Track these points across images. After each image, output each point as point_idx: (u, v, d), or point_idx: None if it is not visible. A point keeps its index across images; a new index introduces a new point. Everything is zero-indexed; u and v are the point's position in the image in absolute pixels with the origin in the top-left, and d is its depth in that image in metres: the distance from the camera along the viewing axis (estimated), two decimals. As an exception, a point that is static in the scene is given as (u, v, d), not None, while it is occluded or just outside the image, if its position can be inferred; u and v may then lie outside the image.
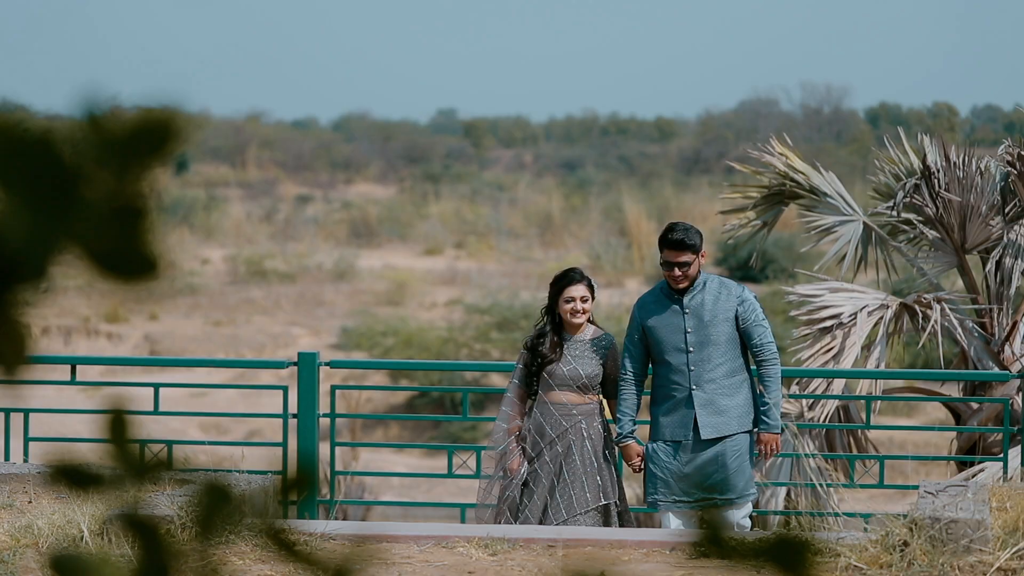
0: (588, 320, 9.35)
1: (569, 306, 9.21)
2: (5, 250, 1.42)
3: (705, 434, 8.99)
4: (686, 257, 9.00)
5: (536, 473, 9.11)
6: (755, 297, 9.24)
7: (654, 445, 9.13)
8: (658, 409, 9.16)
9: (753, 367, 9.26)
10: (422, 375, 31.59)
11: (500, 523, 9.02)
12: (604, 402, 9.39)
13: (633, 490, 13.06)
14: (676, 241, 9.01)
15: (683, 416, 9.02)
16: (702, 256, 9.10)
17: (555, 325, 9.27)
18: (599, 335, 9.34)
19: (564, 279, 9.29)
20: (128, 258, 1.45)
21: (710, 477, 9.02)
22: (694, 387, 9.01)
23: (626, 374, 9.17)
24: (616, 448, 9.30)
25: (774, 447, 9.13)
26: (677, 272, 9.01)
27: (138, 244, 1.45)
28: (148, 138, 1.44)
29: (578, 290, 9.23)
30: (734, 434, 9.03)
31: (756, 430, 9.14)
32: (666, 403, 9.10)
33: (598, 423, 9.22)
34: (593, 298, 9.33)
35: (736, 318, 9.06)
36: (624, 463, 9.40)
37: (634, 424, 9.20)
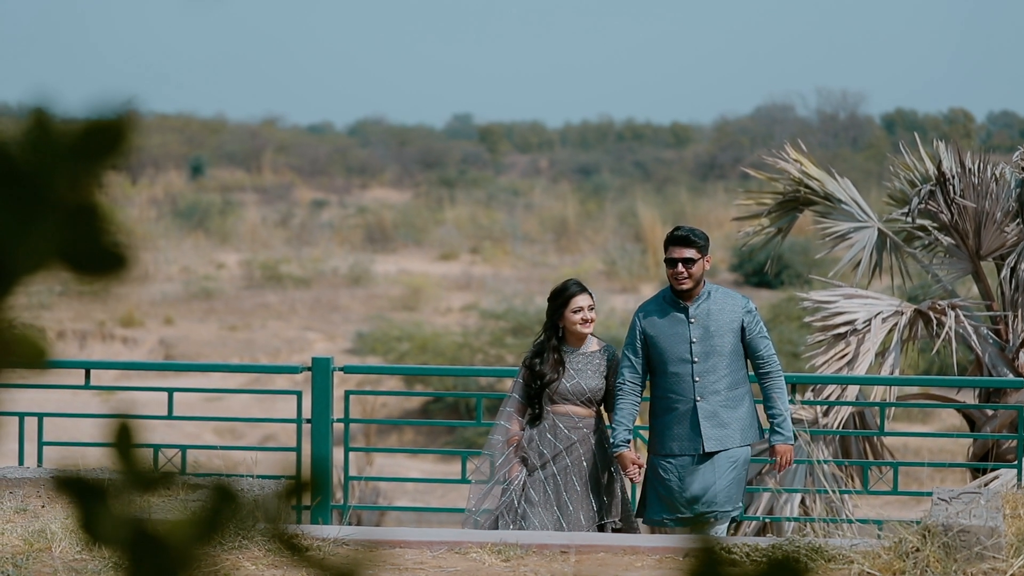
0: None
1: (579, 315, 9.08)
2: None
3: (709, 447, 8.86)
4: (690, 253, 8.88)
5: (542, 484, 8.98)
6: (755, 308, 9.13)
7: (656, 462, 9.00)
8: (660, 421, 9.00)
9: (751, 374, 9.16)
10: (437, 380, 31.59)
11: (498, 527, 8.97)
12: (604, 415, 9.30)
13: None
14: (681, 237, 8.92)
15: (689, 430, 8.88)
16: (707, 261, 8.97)
17: (557, 340, 9.16)
18: (601, 347, 9.23)
19: (567, 291, 9.15)
20: (96, 256, 1.46)
21: (706, 490, 8.92)
22: (698, 399, 8.87)
23: (624, 384, 9.01)
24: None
25: (789, 458, 9.02)
26: (680, 268, 8.87)
27: (104, 242, 1.46)
28: (100, 139, 1.45)
29: (585, 299, 9.12)
30: (736, 447, 8.91)
31: (770, 442, 9.02)
32: (668, 415, 8.95)
33: (603, 438, 9.14)
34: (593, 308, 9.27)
35: (742, 329, 8.94)
36: (625, 474, 9.30)
37: (629, 434, 9.03)
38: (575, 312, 9.10)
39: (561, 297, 9.15)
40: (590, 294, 9.23)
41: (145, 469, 1.60)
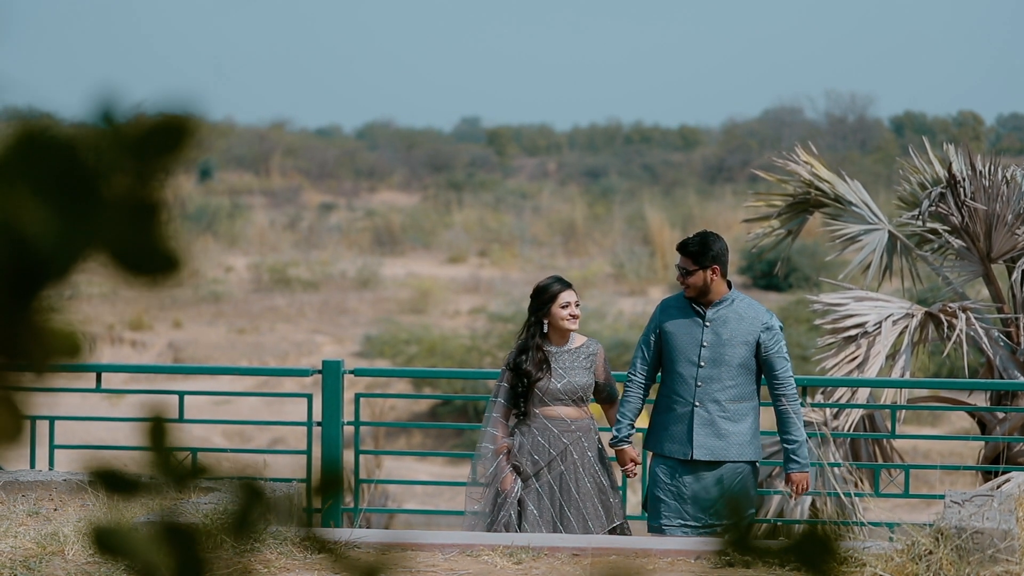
0: None
1: (566, 311, 8.94)
2: (32, 251, 1.43)
3: (699, 455, 8.75)
4: (684, 263, 8.78)
5: (536, 493, 8.87)
6: (781, 328, 8.93)
7: (655, 467, 8.92)
8: (658, 419, 8.93)
9: (757, 389, 8.99)
10: (445, 383, 31.60)
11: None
12: (594, 418, 9.22)
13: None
14: (680, 244, 8.87)
15: (682, 433, 8.78)
16: (712, 272, 8.77)
17: (541, 338, 9.02)
18: (584, 342, 9.11)
19: (553, 287, 9.02)
20: (150, 257, 1.46)
21: (714, 502, 8.80)
22: (697, 404, 8.75)
23: (635, 376, 8.95)
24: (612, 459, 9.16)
25: (805, 486, 8.88)
26: (679, 276, 8.86)
27: (159, 243, 1.46)
28: (164, 139, 1.45)
29: (571, 295, 9.00)
30: (733, 461, 8.79)
31: (785, 470, 8.89)
32: (666, 415, 8.87)
33: (596, 439, 9.03)
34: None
35: (758, 344, 8.77)
36: (620, 468, 9.18)
37: (632, 429, 8.98)
38: (563, 307, 8.98)
39: (547, 293, 9.01)
40: (574, 290, 9.16)
41: (180, 467, 1.61)
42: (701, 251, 8.77)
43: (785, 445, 8.90)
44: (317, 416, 10.74)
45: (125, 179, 1.44)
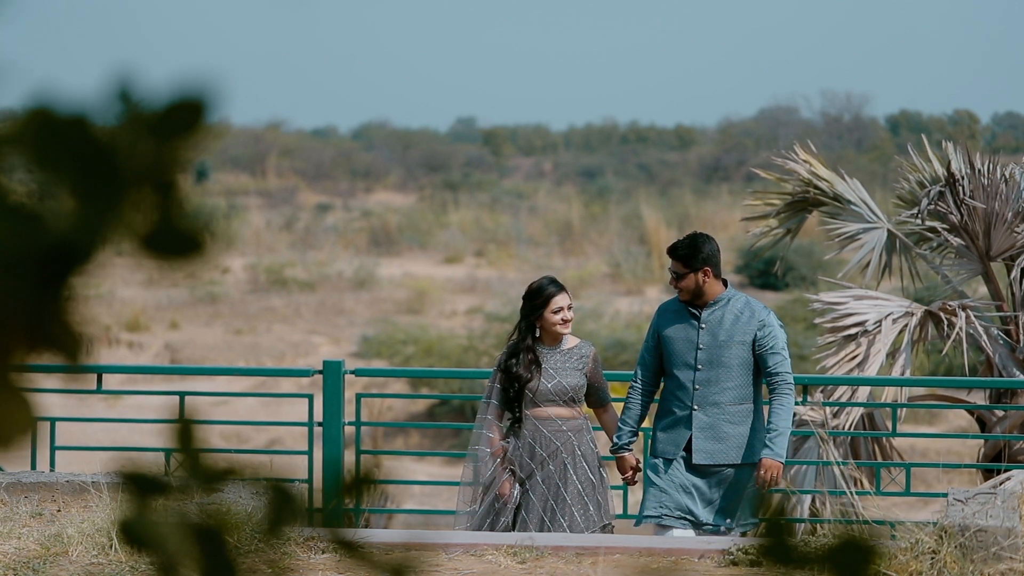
0: None
1: (559, 316, 8.89)
2: (55, 234, 1.43)
3: (697, 459, 8.68)
4: (675, 266, 8.73)
5: (528, 495, 8.83)
6: (781, 326, 8.85)
7: (655, 460, 8.85)
8: (658, 423, 8.87)
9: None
10: (441, 383, 31.58)
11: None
12: (587, 418, 9.18)
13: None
14: (670, 248, 8.80)
15: (678, 435, 8.70)
16: (704, 275, 8.71)
17: (532, 339, 8.97)
18: (577, 344, 9.05)
19: (546, 290, 8.94)
20: (172, 237, 1.46)
21: (712, 503, 8.72)
22: (695, 407, 8.67)
23: (636, 383, 8.90)
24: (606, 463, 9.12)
25: (775, 476, 8.69)
26: (671, 280, 8.81)
27: (181, 224, 1.46)
28: (180, 117, 1.45)
29: (564, 299, 8.94)
30: (734, 464, 8.72)
31: (759, 455, 8.74)
32: (666, 418, 8.80)
33: (588, 439, 8.97)
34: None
35: (753, 342, 8.71)
36: (619, 475, 9.14)
37: (633, 436, 8.93)
38: (555, 312, 8.92)
39: (540, 297, 8.94)
40: (567, 292, 9.12)
41: (208, 467, 1.61)
42: (691, 254, 8.72)
43: (766, 432, 8.76)
44: (317, 416, 10.74)
45: (143, 158, 1.43)
